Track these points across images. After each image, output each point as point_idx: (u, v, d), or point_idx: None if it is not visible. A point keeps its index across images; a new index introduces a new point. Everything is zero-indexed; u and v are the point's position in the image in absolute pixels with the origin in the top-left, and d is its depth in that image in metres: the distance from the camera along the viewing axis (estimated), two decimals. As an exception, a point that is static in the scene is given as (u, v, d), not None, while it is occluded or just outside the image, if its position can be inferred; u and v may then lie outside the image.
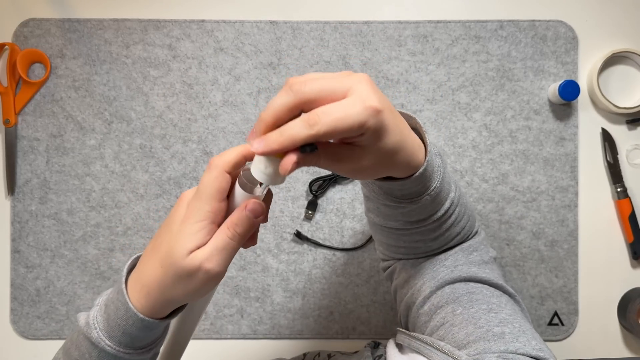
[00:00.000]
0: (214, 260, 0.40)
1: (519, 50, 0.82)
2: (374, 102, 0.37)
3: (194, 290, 0.41)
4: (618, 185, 0.81)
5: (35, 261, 0.82)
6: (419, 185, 0.46)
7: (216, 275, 0.40)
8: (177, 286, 0.41)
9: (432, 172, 0.47)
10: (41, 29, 0.83)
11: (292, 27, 0.83)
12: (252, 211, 0.40)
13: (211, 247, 0.40)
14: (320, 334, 0.82)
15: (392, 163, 0.42)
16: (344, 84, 0.38)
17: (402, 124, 0.42)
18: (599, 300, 0.82)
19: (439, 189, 0.48)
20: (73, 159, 0.82)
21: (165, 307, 0.43)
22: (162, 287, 0.41)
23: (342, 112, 0.37)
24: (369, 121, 0.37)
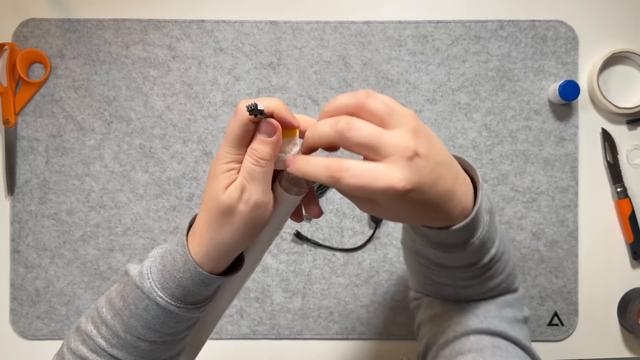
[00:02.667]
0: (248, 189, 0.41)
1: (519, 51, 0.82)
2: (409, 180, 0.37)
3: (242, 226, 0.42)
4: (618, 185, 0.81)
5: (34, 261, 0.82)
6: (456, 238, 0.44)
7: (256, 203, 0.41)
8: (224, 226, 0.42)
9: (474, 227, 0.44)
10: (41, 29, 0.82)
11: (292, 27, 0.82)
12: (263, 131, 0.41)
13: (242, 177, 0.41)
14: (319, 335, 0.82)
15: (427, 217, 0.41)
16: (391, 147, 0.37)
17: (447, 181, 0.40)
18: (599, 301, 0.82)
19: (477, 245, 0.45)
20: (73, 159, 0.82)
21: (220, 257, 0.44)
22: (210, 231, 0.42)
23: (368, 179, 0.37)
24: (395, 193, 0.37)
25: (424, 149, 0.38)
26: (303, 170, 0.40)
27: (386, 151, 0.37)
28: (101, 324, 0.46)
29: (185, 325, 0.47)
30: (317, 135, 0.40)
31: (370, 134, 0.37)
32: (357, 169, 0.37)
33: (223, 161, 0.42)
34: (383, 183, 0.37)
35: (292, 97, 0.82)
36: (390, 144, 0.37)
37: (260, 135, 0.41)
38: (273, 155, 0.42)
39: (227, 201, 0.41)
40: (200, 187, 0.82)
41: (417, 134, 0.38)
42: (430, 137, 0.40)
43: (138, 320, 0.45)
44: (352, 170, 0.37)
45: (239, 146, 0.42)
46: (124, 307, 0.45)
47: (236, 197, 0.41)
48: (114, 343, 0.46)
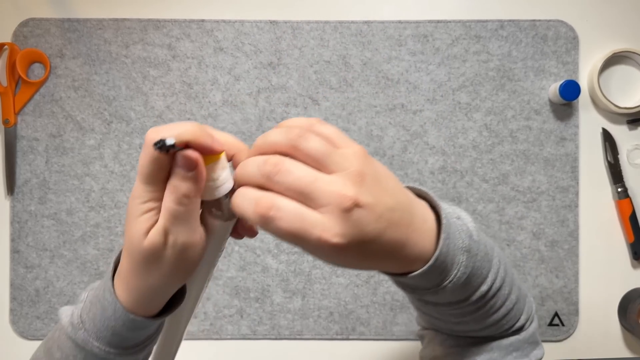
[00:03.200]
0: (173, 231, 0.35)
1: (519, 50, 0.82)
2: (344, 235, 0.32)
3: (171, 271, 0.37)
4: (619, 185, 0.81)
5: (34, 261, 0.82)
6: (422, 283, 0.39)
7: (184, 246, 0.36)
8: (151, 272, 0.37)
9: (442, 271, 0.38)
10: (41, 28, 0.82)
11: (292, 27, 0.82)
12: (182, 165, 0.34)
13: (164, 219, 0.35)
14: (319, 335, 0.82)
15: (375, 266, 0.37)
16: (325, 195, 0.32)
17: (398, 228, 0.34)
18: (600, 301, 0.82)
19: (454, 287, 0.39)
20: (72, 159, 0.82)
21: (152, 301, 0.40)
22: (138, 277, 0.38)
23: (299, 227, 0.31)
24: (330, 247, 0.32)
25: (368, 197, 0.32)
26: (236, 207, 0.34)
27: (320, 200, 0.32)
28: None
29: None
30: (245, 177, 0.34)
31: (300, 180, 0.32)
32: (289, 211, 0.31)
33: (139, 201, 0.36)
34: (315, 235, 0.31)
35: (292, 97, 0.82)
36: (325, 192, 0.32)
37: (180, 170, 0.34)
38: (197, 191, 0.35)
39: (149, 248, 0.36)
40: (200, 187, 0.82)
41: (360, 179, 0.32)
42: (379, 179, 0.34)
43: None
44: (284, 211, 0.31)
45: (154, 183, 0.35)
46: (62, 358, 0.42)
47: (160, 242, 0.36)
48: None
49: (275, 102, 0.82)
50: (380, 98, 0.82)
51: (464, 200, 0.82)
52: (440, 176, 0.82)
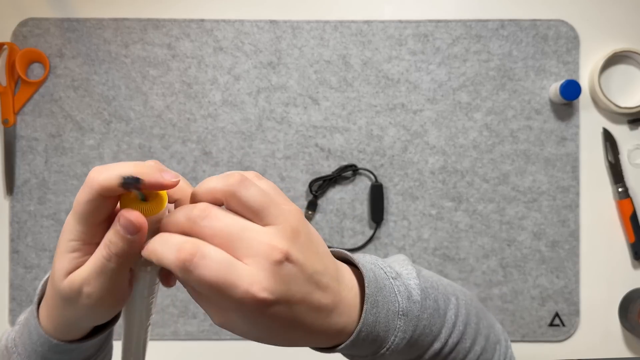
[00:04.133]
0: (93, 284, 0.33)
1: (520, 50, 0.82)
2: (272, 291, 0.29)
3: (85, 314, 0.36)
4: (619, 185, 0.81)
5: (34, 261, 0.82)
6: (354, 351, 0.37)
7: (100, 300, 0.34)
8: (67, 309, 0.36)
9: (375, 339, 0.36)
10: (40, 28, 0.82)
11: (292, 27, 0.82)
12: (123, 227, 0.32)
13: (89, 269, 0.34)
14: (320, 335, 0.82)
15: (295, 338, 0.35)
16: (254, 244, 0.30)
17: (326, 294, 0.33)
18: (600, 301, 0.82)
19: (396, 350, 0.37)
20: (72, 159, 0.82)
21: (70, 330, 0.38)
22: (56, 309, 0.37)
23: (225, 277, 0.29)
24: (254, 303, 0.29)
25: (299, 254, 0.31)
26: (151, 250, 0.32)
27: (249, 250, 0.30)
28: None
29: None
30: (172, 224, 0.32)
31: (229, 226, 0.30)
32: (215, 258, 0.29)
33: (68, 237, 0.34)
34: (242, 288, 0.29)
35: (292, 97, 0.82)
36: (255, 241, 0.30)
37: (120, 230, 0.32)
38: (132, 253, 0.33)
39: (67, 291, 0.34)
40: (200, 187, 0.82)
41: (294, 235, 0.31)
42: (312, 241, 0.33)
43: None
44: (210, 258, 0.29)
45: (86, 224, 0.33)
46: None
47: (76, 290, 0.34)
48: None
49: (275, 101, 0.82)
50: (381, 98, 0.82)
51: (464, 200, 0.81)
52: (441, 176, 0.82)
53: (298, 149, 0.82)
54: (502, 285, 0.82)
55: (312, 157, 0.82)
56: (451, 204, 0.82)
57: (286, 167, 0.82)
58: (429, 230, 0.82)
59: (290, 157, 0.82)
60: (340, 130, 0.82)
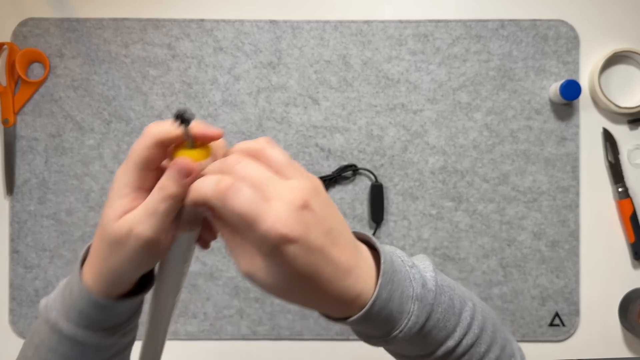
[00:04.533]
0: (145, 223, 0.36)
1: (520, 50, 0.82)
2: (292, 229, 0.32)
3: (129, 259, 0.38)
4: (619, 185, 0.81)
5: (34, 261, 0.82)
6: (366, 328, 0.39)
7: (148, 241, 0.37)
8: (112, 255, 0.38)
9: (385, 319, 0.38)
10: (40, 28, 0.82)
11: (292, 27, 0.82)
12: (179, 170, 0.35)
13: (141, 211, 0.37)
14: (319, 335, 0.82)
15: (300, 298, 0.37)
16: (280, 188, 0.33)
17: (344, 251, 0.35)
18: (600, 301, 0.82)
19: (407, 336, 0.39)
20: (72, 159, 0.82)
21: (113, 283, 0.40)
22: (101, 258, 0.39)
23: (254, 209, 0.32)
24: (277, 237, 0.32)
25: (318, 207, 0.33)
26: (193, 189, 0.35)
27: (274, 193, 0.33)
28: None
29: (105, 355, 0.44)
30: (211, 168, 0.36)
31: (257, 172, 0.34)
32: (248, 192, 0.32)
33: (121, 183, 0.38)
34: (268, 221, 0.31)
35: (292, 97, 0.82)
36: (280, 187, 0.33)
37: (174, 174, 0.36)
38: (181, 197, 0.36)
39: (117, 233, 0.37)
40: (200, 187, 0.82)
41: (315, 192, 0.34)
42: (330, 204, 0.35)
43: (55, 355, 0.43)
44: (243, 191, 0.32)
45: (141, 170, 0.37)
46: (40, 343, 0.43)
47: (126, 231, 0.37)
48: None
49: (275, 101, 0.82)
50: (381, 98, 0.82)
51: (464, 200, 0.82)
52: (441, 176, 0.82)
53: (298, 148, 0.82)
54: (502, 285, 0.82)
55: (312, 157, 0.82)
56: (451, 203, 0.82)
57: (286, 167, 0.82)
58: (429, 230, 0.82)
59: (290, 157, 0.82)
60: (340, 130, 0.82)
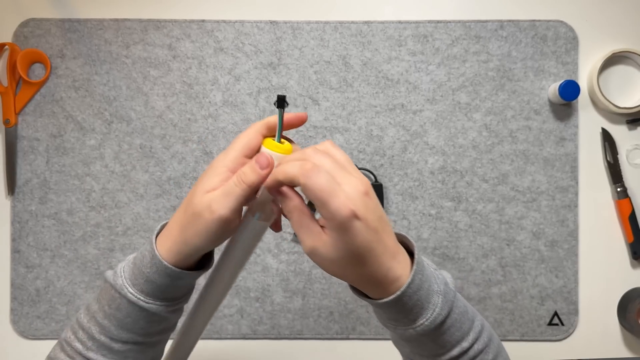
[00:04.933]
0: (220, 202, 0.43)
1: (519, 50, 0.82)
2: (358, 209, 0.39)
3: (203, 231, 0.44)
4: (618, 185, 0.81)
5: (35, 261, 0.82)
6: (396, 312, 0.44)
7: (220, 218, 0.43)
8: (190, 225, 0.45)
9: (414, 306, 0.43)
10: (41, 29, 0.83)
11: (292, 27, 0.83)
12: (259, 161, 0.44)
13: (220, 191, 0.44)
14: (320, 334, 0.82)
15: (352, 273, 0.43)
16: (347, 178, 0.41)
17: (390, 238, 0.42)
18: (599, 300, 0.82)
19: (429, 328, 0.44)
20: (73, 159, 0.82)
21: (183, 253, 0.46)
22: (180, 227, 0.45)
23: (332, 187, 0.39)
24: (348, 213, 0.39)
25: (373, 197, 0.41)
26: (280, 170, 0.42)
27: (344, 180, 0.40)
28: (78, 329, 0.49)
29: (157, 327, 0.50)
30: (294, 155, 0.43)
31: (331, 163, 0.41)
32: (326, 173, 0.40)
33: (216, 164, 0.45)
34: (341, 198, 0.39)
35: (292, 97, 0.82)
36: (348, 176, 0.41)
37: (255, 164, 0.44)
38: (256, 185, 0.44)
39: (199, 205, 0.44)
40: (201, 187, 0.82)
41: (370, 187, 0.42)
42: (378, 202, 0.42)
43: (111, 321, 0.47)
44: (323, 172, 0.40)
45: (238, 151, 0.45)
46: (98, 309, 0.48)
47: (207, 204, 0.44)
48: (89, 345, 0.48)
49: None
50: (380, 98, 0.82)
51: (463, 200, 0.82)
52: (440, 176, 0.82)
53: (298, 149, 0.82)
54: (502, 284, 0.82)
55: (312, 157, 0.82)
56: (450, 203, 0.82)
57: (286, 167, 0.82)
58: (428, 230, 0.82)
59: (290, 157, 0.82)
60: (340, 131, 0.82)
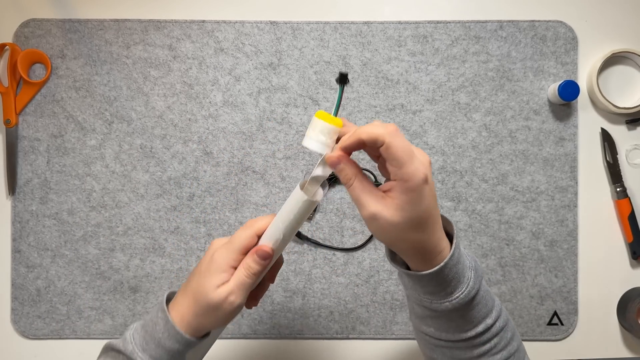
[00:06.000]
0: (237, 293, 0.50)
1: (518, 51, 0.82)
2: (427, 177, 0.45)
3: (221, 318, 0.50)
4: (617, 185, 0.81)
5: (35, 261, 0.82)
6: (436, 285, 0.48)
7: (239, 306, 0.50)
8: (207, 315, 0.50)
9: (452, 279, 0.48)
10: (42, 29, 0.83)
11: (292, 28, 0.83)
12: (260, 255, 0.50)
13: (233, 283, 0.50)
14: (320, 334, 0.82)
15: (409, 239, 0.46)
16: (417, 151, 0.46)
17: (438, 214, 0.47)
18: (599, 300, 0.82)
19: (463, 301, 0.48)
20: (74, 159, 0.83)
21: (196, 332, 0.51)
22: (195, 314, 0.50)
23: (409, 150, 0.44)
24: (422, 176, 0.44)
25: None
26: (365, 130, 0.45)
27: (414, 147, 0.46)
28: None
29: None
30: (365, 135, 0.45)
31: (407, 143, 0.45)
32: (404, 139, 0.44)
33: (224, 262, 0.50)
34: (416, 162, 0.44)
35: (292, 97, 0.83)
36: (417, 150, 0.46)
37: (256, 257, 0.50)
38: (261, 273, 0.51)
39: (216, 300, 0.49)
40: (201, 187, 0.82)
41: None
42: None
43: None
44: (402, 137, 0.44)
45: (241, 253, 0.51)
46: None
47: (224, 297, 0.49)
48: None
49: (276, 102, 0.83)
50: (380, 98, 0.82)
51: (463, 200, 0.82)
52: (440, 176, 0.82)
53: (298, 149, 0.83)
54: (501, 284, 0.82)
55: (312, 157, 0.83)
56: (450, 203, 0.82)
57: (287, 167, 0.83)
58: (428, 230, 0.82)
59: (290, 157, 0.83)
60: (340, 131, 0.82)
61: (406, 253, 0.48)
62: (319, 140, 0.47)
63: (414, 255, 0.47)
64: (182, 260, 0.82)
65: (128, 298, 0.82)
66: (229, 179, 0.82)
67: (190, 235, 0.82)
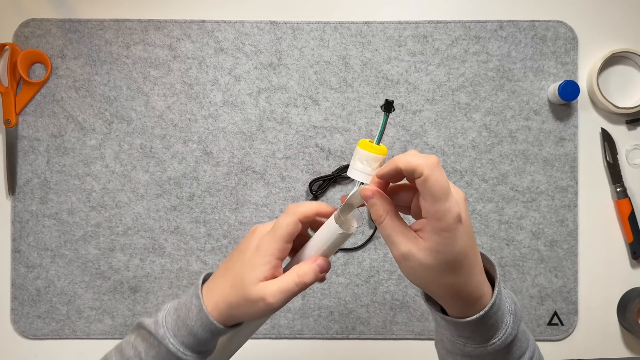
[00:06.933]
0: (276, 297, 0.46)
1: (518, 51, 0.82)
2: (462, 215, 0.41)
3: (253, 314, 0.47)
4: (617, 185, 0.81)
5: (35, 261, 0.82)
6: (473, 331, 0.45)
7: (274, 310, 0.47)
8: (241, 306, 0.47)
9: (491, 327, 0.45)
10: (42, 29, 0.83)
11: (292, 28, 0.83)
12: (319, 266, 0.47)
13: (278, 285, 0.46)
14: (320, 334, 0.82)
15: (444, 283, 0.43)
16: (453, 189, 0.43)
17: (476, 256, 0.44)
18: (599, 300, 0.82)
19: (499, 347, 0.45)
20: (73, 159, 0.83)
21: (227, 321, 0.49)
22: (229, 303, 0.48)
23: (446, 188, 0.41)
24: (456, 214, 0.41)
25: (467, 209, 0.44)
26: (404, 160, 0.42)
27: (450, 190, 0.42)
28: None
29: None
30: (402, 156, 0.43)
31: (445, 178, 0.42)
32: (444, 175, 0.42)
33: (264, 252, 0.47)
34: (452, 201, 0.41)
35: (292, 97, 0.83)
36: (454, 187, 0.43)
37: (317, 267, 0.47)
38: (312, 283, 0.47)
39: (254, 295, 0.46)
40: (201, 187, 0.82)
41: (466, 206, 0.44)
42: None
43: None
44: (442, 172, 0.41)
45: (286, 242, 0.47)
46: (134, 356, 0.49)
47: (262, 296, 0.46)
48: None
49: (276, 102, 0.83)
50: (380, 98, 0.82)
51: (463, 200, 0.82)
52: (440, 176, 0.82)
53: (298, 149, 0.83)
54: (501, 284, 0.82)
55: (312, 157, 0.83)
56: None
57: (286, 167, 0.83)
58: (428, 230, 0.82)
59: (290, 157, 0.83)
60: (340, 131, 0.82)
61: (441, 297, 0.45)
62: (359, 169, 0.46)
63: (450, 300, 0.44)
64: (182, 260, 0.82)
65: (128, 298, 0.82)
66: (228, 179, 0.82)
67: (190, 235, 0.82)
